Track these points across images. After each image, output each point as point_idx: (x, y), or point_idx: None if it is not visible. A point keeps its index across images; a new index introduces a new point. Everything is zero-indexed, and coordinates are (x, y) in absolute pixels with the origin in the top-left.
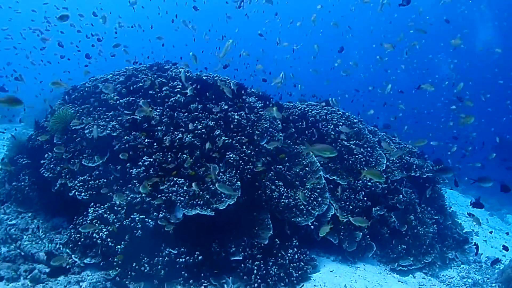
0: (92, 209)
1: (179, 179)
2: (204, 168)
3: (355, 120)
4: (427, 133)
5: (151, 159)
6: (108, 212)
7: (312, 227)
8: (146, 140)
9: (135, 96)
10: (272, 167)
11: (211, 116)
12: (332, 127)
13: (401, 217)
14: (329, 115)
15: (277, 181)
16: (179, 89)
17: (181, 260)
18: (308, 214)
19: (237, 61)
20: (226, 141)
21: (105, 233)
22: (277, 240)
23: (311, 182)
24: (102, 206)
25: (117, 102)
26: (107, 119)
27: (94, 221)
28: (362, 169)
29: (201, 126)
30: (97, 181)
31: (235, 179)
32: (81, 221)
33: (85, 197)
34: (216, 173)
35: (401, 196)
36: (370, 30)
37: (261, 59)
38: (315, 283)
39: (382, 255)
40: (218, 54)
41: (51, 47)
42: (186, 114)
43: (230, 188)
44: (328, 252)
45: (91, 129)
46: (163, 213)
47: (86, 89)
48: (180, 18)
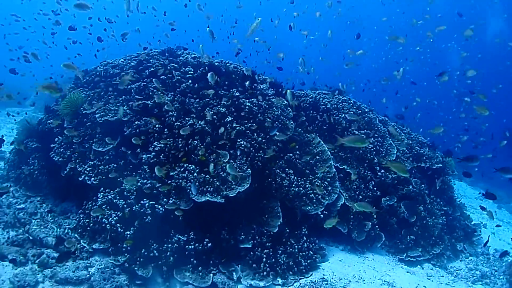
0: (102, 194)
1: (190, 165)
2: (214, 155)
3: (366, 110)
4: (438, 124)
5: (162, 145)
6: (118, 198)
7: (322, 216)
8: (157, 125)
9: (146, 81)
10: (282, 155)
11: (222, 102)
12: (343, 115)
13: (410, 207)
14: (340, 103)
15: (287, 169)
16: (190, 75)
17: (190, 247)
18: (318, 203)
19: (249, 47)
20: (238, 127)
21: (114, 218)
22: (286, 228)
23: (322, 170)
24: (112, 191)
25: (128, 87)
26: (118, 104)
27: (104, 206)
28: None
29: (212, 112)
30: (107, 166)
31: (246, 166)
32: (90, 206)
33: (94, 182)
34: (227, 160)
35: (410, 186)
36: (382, 21)
37: (274, 46)
38: (324, 272)
39: (390, 245)
40: (246, 34)
41: (63, 31)
42: (198, 100)
43: (240, 171)
44: (337, 241)
45: (107, 112)
46: (173, 199)
47: (97, 73)
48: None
